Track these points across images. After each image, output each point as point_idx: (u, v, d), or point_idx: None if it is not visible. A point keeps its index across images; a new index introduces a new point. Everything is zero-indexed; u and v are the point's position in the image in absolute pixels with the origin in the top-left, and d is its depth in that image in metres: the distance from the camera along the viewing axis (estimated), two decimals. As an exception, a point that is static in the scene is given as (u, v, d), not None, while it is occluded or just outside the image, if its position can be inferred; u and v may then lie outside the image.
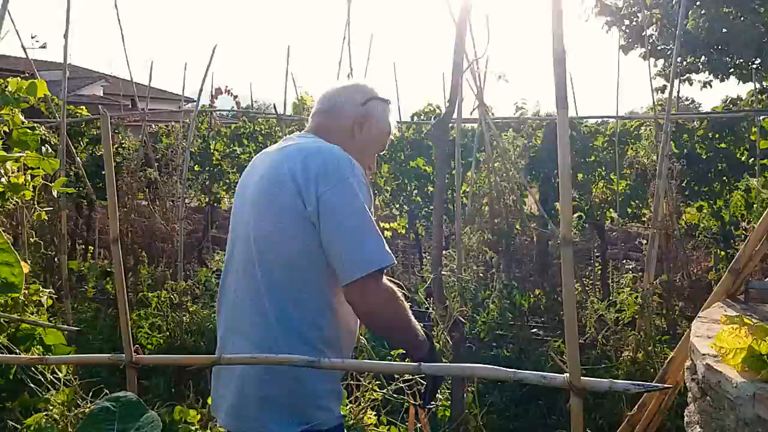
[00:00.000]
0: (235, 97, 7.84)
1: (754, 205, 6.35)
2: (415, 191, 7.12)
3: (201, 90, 5.36)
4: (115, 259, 1.50)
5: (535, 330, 4.82)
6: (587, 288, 5.56)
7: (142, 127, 6.46)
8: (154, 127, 7.68)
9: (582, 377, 1.32)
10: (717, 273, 5.67)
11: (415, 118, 7.30)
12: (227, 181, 7.91)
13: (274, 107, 5.55)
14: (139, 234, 5.74)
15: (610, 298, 5.27)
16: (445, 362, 1.99)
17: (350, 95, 1.93)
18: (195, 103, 6.19)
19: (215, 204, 8.85)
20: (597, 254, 7.44)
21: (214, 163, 7.68)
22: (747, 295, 2.09)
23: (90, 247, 7.44)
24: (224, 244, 1.96)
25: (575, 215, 5.41)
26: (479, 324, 3.55)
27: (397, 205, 7.29)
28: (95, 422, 0.76)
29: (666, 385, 1.54)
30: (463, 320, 2.14)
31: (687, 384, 1.97)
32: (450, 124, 4.18)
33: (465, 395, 2.98)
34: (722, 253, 6.27)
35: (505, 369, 1.35)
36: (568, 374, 1.32)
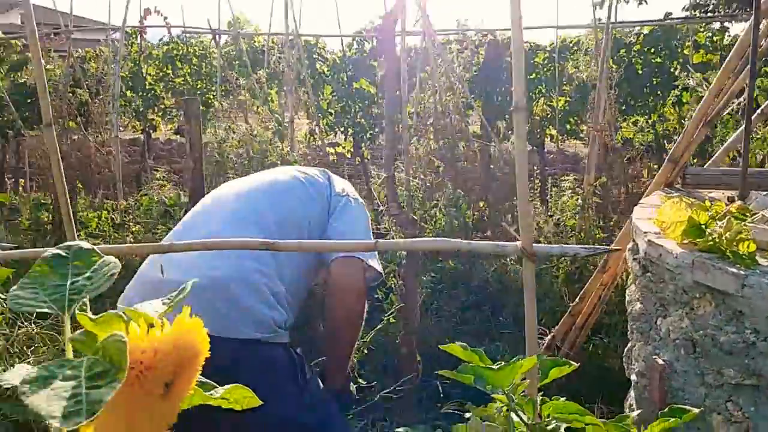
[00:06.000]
0: (165, 18, 7.41)
1: (685, 119, 6.60)
2: (360, 113, 7.01)
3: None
4: (48, 142, 1.43)
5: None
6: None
7: (68, 50, 6.06)
8: (81, 51, 7.23)
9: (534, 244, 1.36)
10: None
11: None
12: (162, 106, 7.60)
13: (208, 22, 5.29)
14: (74, 164, 5.48)
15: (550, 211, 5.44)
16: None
17: None
18: (121, 26, 5.83)
19: (150, 132, 8.51)
20: (537, 171, 7.61)
21: (147, 88, 7.34)
22: (684, 181, 2.18)
23: (21, 180, 7.08)
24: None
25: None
26: (427, 233, 3.61)
27: (342, 128, 7.19)
28: (46, 268, 0.73)
29: (615, 248, 1.61)
30: (416, 218, 2.17)
31: (629, 265, 2.07)
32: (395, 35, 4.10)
33: (418, 304, 3.05)
34: (655, 165, 6.53)
35: (459, 240, 1.38)
36: (520, 242, 1.35)
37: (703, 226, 1.61)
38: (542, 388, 1.34)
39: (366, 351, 2.61)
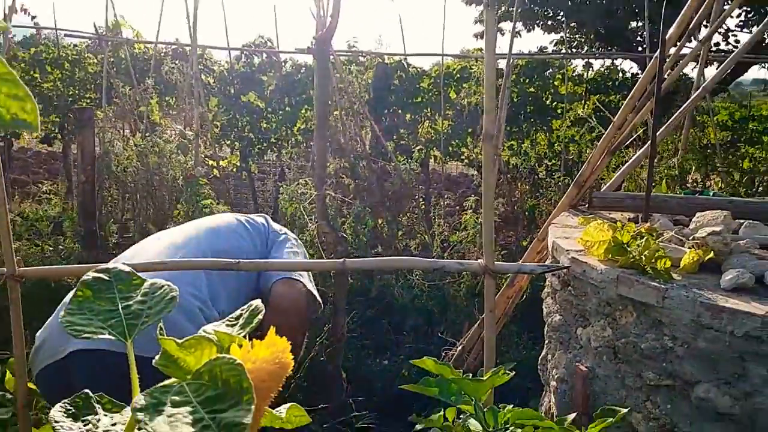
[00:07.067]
0: (34, 17, 6.86)
1: (555, 144, 7.19)
2: (248, 127, 6.91)
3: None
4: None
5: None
6: (412, 222, 5.93)
7: None
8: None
9: (495, 262, 1.45)
10: (523, 204, 6.39)
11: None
12: (27, 113, 6.99)
13: (94, 26, 4.98)
14: None
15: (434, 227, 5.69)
16: None
17: None
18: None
19: (12, 140, 7.82)
20: (422, 190, 7.90)
21: (11, 93, 6.72)
22: (591, 204, 2.41)
23: None
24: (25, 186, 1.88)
25: (417, 149, 5.67)
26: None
27: (228, 141, 7.04)
28: (89, 292, 0.69)
29: (565, 266, 1.75)
30: (345, 236, 2.21)
31: (548, 280, 2.25)
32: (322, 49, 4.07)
33: (345, 322, 3.08)
34: (527, 187, 7.03)
35: (425, 259, 1.45)
36: (482, 260, 1.44)
37: (625, 245, 1.79)
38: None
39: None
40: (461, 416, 1.46)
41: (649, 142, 2.22)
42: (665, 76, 2.20)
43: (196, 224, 2.02)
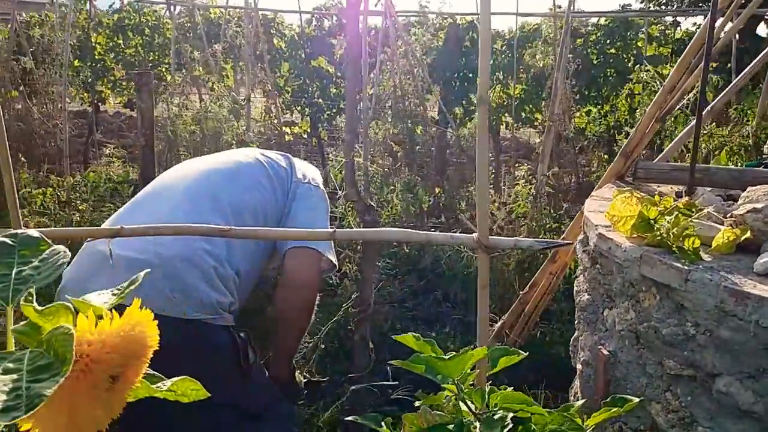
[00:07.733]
0: (118, -16, 7.15)
1: (637, 111, 6.76)
2: (317, 93, 6.93)
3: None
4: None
5: (433, 230, 4.99)
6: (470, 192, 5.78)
7: (12, 14, 5.77)
8: (24, 15, 6.91)
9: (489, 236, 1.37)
10: (600, 174, 6.07)
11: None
12: (112, 78, 7.33)
13: (164, -7, 5.10)
14: (16, 135, 5.24)
15: (503, 197, 5.53)
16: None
17: None
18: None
19: (99, 105, 8.24)
20: (492, 158, 7.68)
21: (97, 58, 7.07)
22: (635, 175, 2.23)
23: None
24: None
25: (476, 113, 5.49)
26: (383, 218, 3.60)
27: (299, 108, 7.09)
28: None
29: (567, 241, 1.64)
30: (373, 204, 2.16)
31: (578, 256, 2.12)
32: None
33: (372, 293, 3.05)
34: (605, 156, 6.67)
35: (414, 231, 1.38)
36: (476, 233, 1.36)
37: (652, 222, 1.65)
38: (490, 374, 1.36)
39: (318, 336, 2.61)
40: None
41: (703, 109, 2.01)
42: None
43: (216, 167, 1.94)
